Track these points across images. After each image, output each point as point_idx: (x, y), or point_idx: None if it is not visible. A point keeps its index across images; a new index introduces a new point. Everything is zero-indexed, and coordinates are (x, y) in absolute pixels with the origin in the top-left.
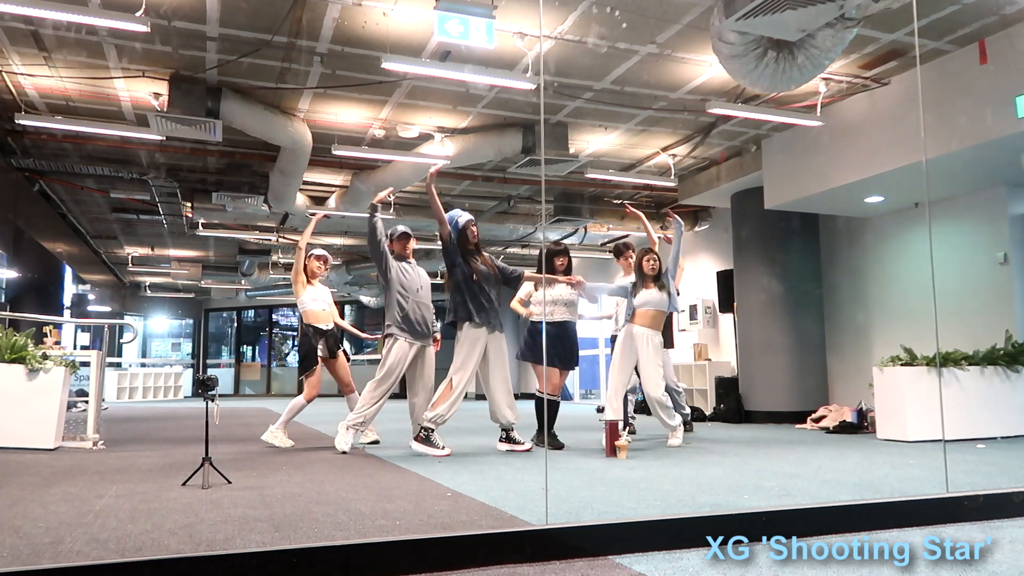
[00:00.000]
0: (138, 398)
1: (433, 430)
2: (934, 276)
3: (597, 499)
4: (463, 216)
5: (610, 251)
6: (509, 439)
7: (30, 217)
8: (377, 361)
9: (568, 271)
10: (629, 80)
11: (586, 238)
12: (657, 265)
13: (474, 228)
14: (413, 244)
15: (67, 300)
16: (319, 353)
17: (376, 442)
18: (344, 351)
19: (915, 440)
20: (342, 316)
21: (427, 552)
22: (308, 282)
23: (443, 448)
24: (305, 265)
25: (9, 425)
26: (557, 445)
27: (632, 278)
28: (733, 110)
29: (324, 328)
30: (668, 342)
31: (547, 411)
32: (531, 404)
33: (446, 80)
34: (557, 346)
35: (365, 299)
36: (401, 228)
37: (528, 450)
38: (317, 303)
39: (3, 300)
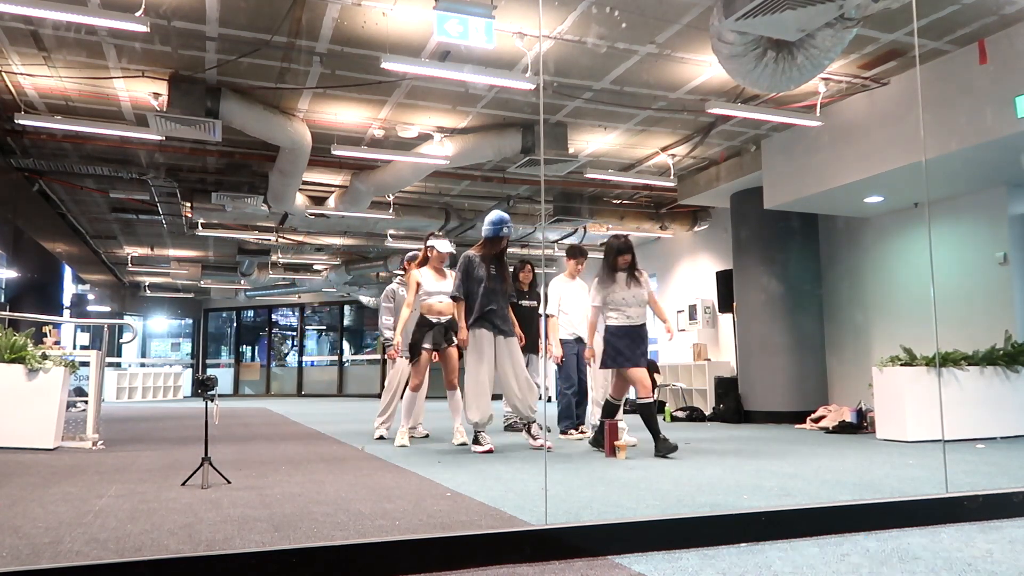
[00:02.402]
0: (138, 398)
1: (478, 432)
2: (934, 276)
3: (596, 499)
4: (506, 227)
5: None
6: (529, 433)
7: (30, 217)
8: (376, 362)
9: (634, 266)
10: (629, 80)
11: (585, 238)
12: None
13: (505, 241)
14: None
15: (67, 300)
16: (424, 344)
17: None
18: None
19: (915, 440)
20: (341, 316)
21: (426, 552)
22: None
23: (487, 443)
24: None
25: (9, 425)
26: (669, 447)
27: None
28: (733, 110)
29: (433, 320)
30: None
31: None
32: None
33: (445, 80)
34: (640, 346)
35: (365, 299)
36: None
37: (540, 447)
38: (433, 296)
39: (3, 300)
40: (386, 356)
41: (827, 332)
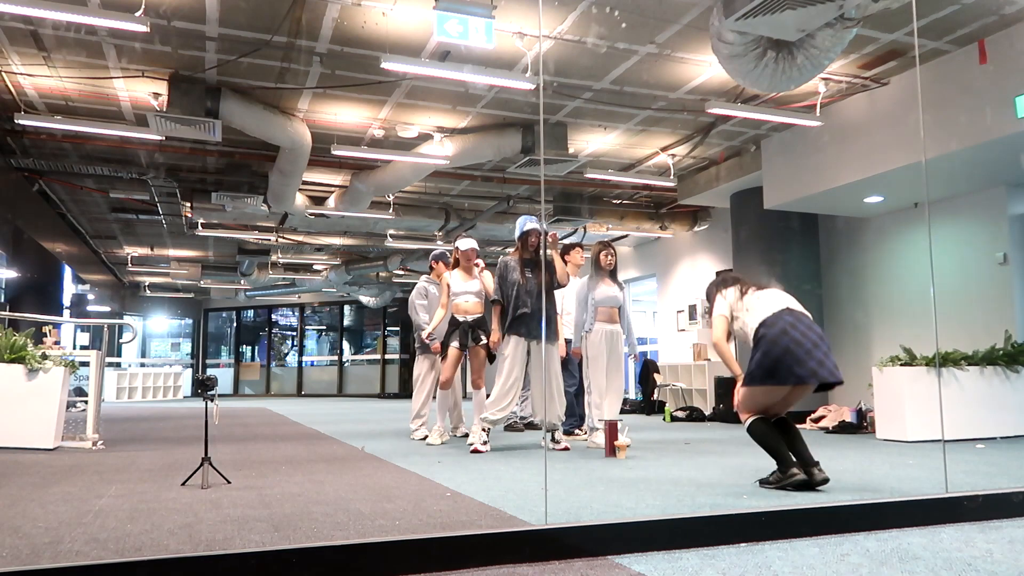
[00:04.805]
0: (137, 398)
1: (484, 429)
2: (934, 276)
3: (596, 499)
4: (528, 223)
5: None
6: (552, 438)
7: (30, 217)
8: (376, 362)
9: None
10: (628, 80)
11: (585, 238)
12: (614, 260)
13: (533, 238)
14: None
15: (67, 300)
16: (452, 343)
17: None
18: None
19: (914, 440)
20: (341, 316)
21: (426, 552)
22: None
23: (483, 443)
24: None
25: (9, 425)
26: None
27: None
28: (732, 110)
29: (460, 320)
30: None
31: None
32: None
33: (445, 80)
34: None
35: (365, 299)
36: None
37: (563, 450)
38: (459, 296)
39: (3, 300)
40: (431, 351)
41: (827, 332)
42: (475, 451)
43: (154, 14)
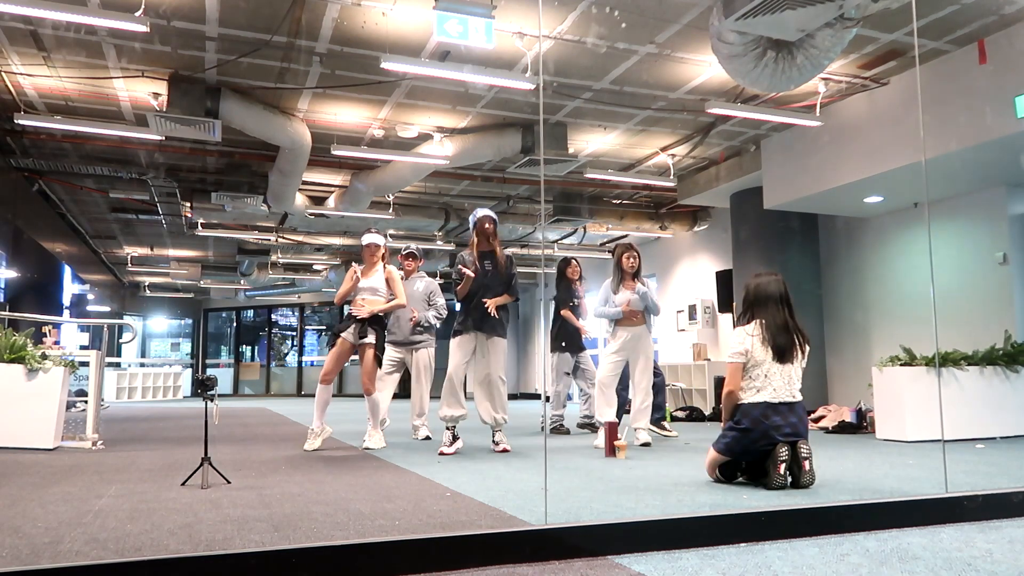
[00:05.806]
0: (137, 398)
1: (447, 428)
2: (933, 276)
3: (596, 499)
4: (479, 212)
5: (608, 251)
6: (494, 440)
7: (29, 217)
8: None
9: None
10: (628, 80)
11: (585, 238)
12: (637, 263)
13: (487, 225)
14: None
15: (66, 300)
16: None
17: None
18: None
19: (914, 440)
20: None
21: (426, 552)
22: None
23: (449, 445)
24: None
25: (8, 425)
26: None
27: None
28: (732, 110)
29: (356, 316)
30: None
31: None
32: (529, 404)
33: (445, 80)
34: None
35: None
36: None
37: (504, 451)
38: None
39: (3, 300)
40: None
41: (827, 332)
42: (441, 454)
43: (154, 14)
